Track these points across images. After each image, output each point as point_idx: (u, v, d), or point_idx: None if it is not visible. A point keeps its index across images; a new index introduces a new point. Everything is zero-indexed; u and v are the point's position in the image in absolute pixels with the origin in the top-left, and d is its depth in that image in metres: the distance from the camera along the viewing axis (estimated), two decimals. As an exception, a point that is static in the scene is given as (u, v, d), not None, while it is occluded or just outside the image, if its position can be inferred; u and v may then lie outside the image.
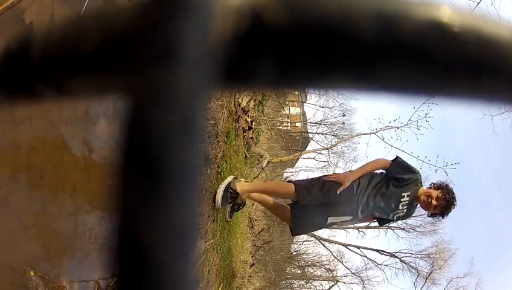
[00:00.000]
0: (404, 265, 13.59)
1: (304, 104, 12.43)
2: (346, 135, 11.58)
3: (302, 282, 13.67)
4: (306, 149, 11.82)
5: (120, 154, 0.14)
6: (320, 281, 13.93)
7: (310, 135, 12.70)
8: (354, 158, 12.23)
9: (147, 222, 0.13)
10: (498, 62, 0.16)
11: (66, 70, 0.19)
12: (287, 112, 10.81)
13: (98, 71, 0.18)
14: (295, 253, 12.17)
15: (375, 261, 13.91)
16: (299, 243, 12.89)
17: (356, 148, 12.33)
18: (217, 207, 2.49)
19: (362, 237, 13.81)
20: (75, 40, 0.18)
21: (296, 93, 10.18)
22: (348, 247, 14.06)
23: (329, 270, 13.61)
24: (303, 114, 13.41)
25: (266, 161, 4.94)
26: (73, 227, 1.21)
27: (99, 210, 1.28)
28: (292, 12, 0.16)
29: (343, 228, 12.82)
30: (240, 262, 4.48)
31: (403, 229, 13.34)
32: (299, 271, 13.27)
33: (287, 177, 10.16)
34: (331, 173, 2.58)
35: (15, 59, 0.21)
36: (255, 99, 3.84)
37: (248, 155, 4.11)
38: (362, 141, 14.14)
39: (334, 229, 12.59)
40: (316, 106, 12.06)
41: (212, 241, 2.62)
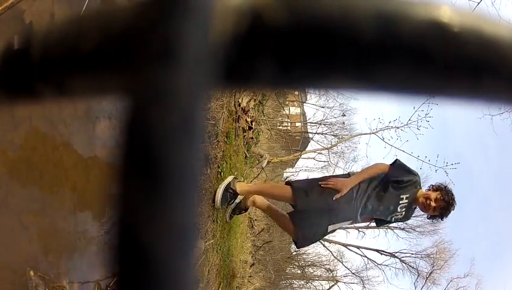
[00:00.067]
0: (404, 265, 13.60)
1: (304, 104, 12.42)
2: (346, 135, 11.60)
3: (302, 282, 13.67)
4: (306, 149, 11.82)
5: (120, 154, 0.14)
6: (320, 281, 13.94)
7: (310, 135, 12.71)
8: (354, 158, 12.26)
9: (147, 222, 0.13)
10: (498, 62, 0.16)
11: (66, 70, 0.19)
12: (287, 112, 10.80)
13: (98, 71, 0.18)
14: (295, 253, 12.15)
15: (375, 261, 13.94)
16: (299, 243, 12.86)
17: (356, 148, 12.35)
18: (217, 207, 2.49)
19: (362, 237, 13.83)
20: (75, 40, 0.18)
21: (296, 93, 10.18)
22: (348, 247, 14.07)
23: (329, 270, 13.62)
24: (303, 114, 13.41)
25: (266, 161, 4.94)
26: (73, 227, 1.21)
27: (99, 210, 1.28)
28: (292, 12, 0.16)
29: (343, 228, 12.81)
30: (240, 262, 4.48)
31: (403, 229, 13.35)
32: (299, 271, 13.27)
33: (287, 177, 10.16)
34: (330, 176, 2.52)
35: (15, 59, 0.21)
36: (255, 99, 3.84)
37: (248, 155, 4.11)
38: (362, 141, 14.15)
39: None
40: (316, 106, 12.08)
41: (212, 241, 2.62)
